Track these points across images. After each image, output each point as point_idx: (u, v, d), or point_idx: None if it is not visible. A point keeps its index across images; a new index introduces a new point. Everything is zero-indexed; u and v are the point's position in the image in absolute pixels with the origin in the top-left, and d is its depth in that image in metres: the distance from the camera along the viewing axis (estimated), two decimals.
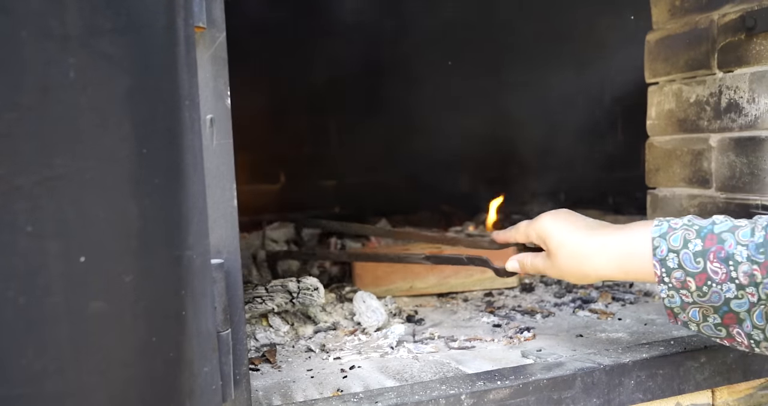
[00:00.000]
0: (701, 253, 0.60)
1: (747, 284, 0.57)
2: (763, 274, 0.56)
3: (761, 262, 0.56)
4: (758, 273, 0.56)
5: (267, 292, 0.91)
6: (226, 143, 0.55)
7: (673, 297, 0.63)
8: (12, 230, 0.42)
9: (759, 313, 0.58)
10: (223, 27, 0.55)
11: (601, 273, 0.68)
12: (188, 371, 0.50)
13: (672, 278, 0.62)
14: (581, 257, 0.69)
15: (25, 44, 0.42)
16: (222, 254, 0.55)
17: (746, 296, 0.58)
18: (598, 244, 0.68)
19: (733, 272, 0.58)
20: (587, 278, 0.71)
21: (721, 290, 0.59)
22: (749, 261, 0.57)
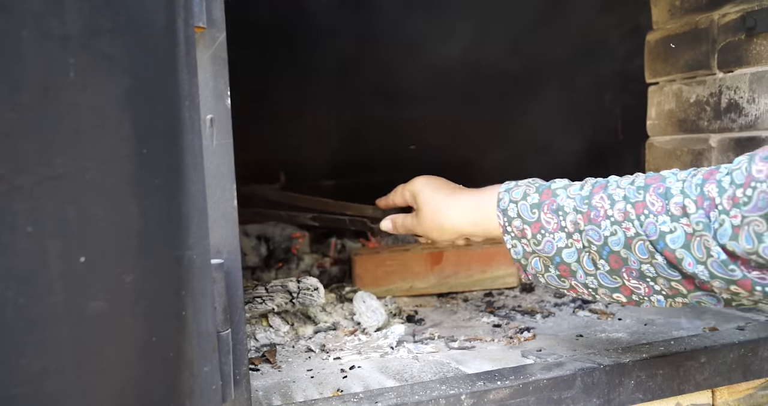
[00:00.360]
0: (537, 205, 0.66)
1: (573, 231, 0.63)
2: (584, 222, 0.62)
3: (584, 211, 0.63)
4: (581, 221, 0.63)
5: (267, 292, 0.91)
6: (226, 143, 0.55)
7: (516, 247, 0.68)
8: (12, 229, 0.42)
9: (587, 259, 0.63)
10: (223, 27, 0.55)
11: (457, 226, 0.75)
12: (188, 371, 0.50)
13: (513, 226, 0.68)
14: (440, 212, 0.76)
15: (25, 44, 0.42)
16: (222, 254, 0.56)
17: (573, 243, 0.63)
18: (455, 201, 0.75)
19: (562, 221, 0.64)
20: (445, 231, 0.77)
21: (553, 239, 0.65)
22: (575, 211, 0.64)
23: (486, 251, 1.14)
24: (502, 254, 1.15)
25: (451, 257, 1.13)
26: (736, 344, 0.80)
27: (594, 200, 0.63)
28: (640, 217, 0.59)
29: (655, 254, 0.59)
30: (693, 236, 0.56)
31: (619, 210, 0.60)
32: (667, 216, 0.58)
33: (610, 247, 0.61)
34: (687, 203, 0.57)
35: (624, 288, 0.63)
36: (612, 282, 0.63)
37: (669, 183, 0.59)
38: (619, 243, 0.60)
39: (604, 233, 0.61)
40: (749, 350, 0.81)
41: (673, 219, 0.57)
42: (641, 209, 0.59)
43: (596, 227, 0.62)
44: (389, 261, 1.12)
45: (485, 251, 1.14)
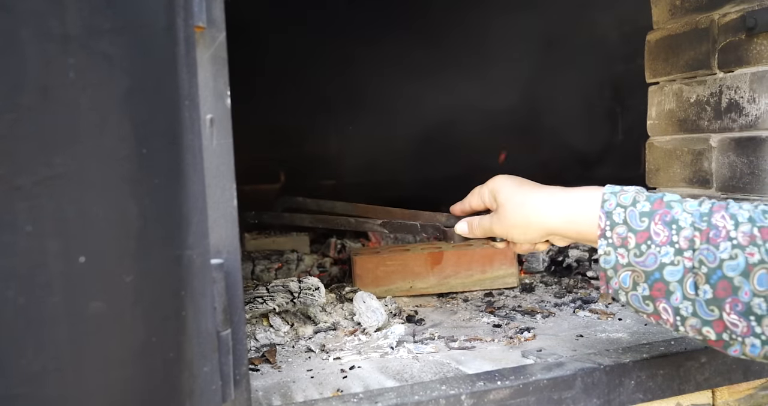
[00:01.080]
0: (648, 213, 0.61)
1: (686, 248, 0.58)
2: (701, 240, 0.57)
3: (703, 229, 0.58)
4: (697, 239, 0.58)
5: (268, 292, 0.91)
6: (226, 143, 0.55)
7: (609, 254, 0.62)
8: (12, 229, 0.42)
9: (691, 282, 0.58)
10: (223, 27, 0.55)
11: (546, 223, 0.69)
12: (188, 372, 0.50)
13: (614, 233, 0.62)
14: (526, 206, 0.70)
15: (25, 44, 0.42)
16: (222, 254, 0.55)
17: (682, 261, 0.58)
18: (546, 195, 0.69)
19: (674, 235, 0.59)
20: (531, 228, 0.70)
21: (658, 253, 0.60)
22: (692, 227, 0.58)
23: (486, 251, 1.14)
24: (502, 253, 1.15)
25: (451, 257, 1.13)
26: None
27: (714, 218, 0.58)
28: (766, 243, 0.54)
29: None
30: None
31: (743, 233, 0.55)
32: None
33: (723, 272, 0.56)
34: None
35: (718, 323, 0.57)
36: (708, 314, 0.57)
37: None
38: (736, 269, 0.55)
39: (722, 256, 0.56)
40: None
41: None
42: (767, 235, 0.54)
43: (714, 248, 0.57)
44: (389, 261, 1.12)
45: (485, 251, 1.14)
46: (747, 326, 0.55)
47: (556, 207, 0.68)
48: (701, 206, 0.60)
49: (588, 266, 1.22)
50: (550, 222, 0.68)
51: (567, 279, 1.18)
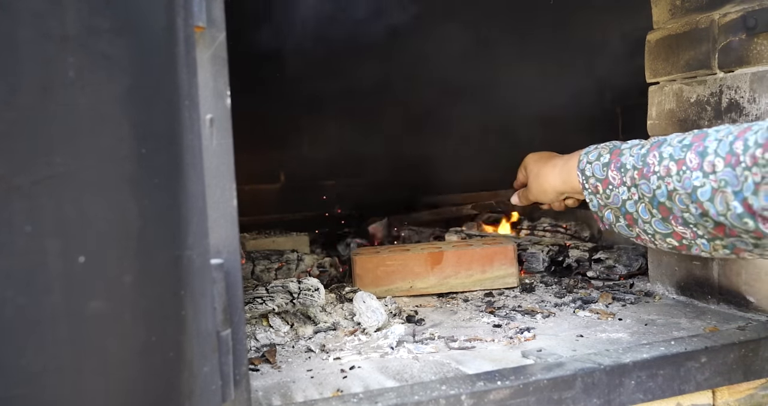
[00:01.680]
0: (606, 163, 0.78)
1: (630, 185, 0.74)
2: (639, 177, 0.73)
3: (639, 168, 0.73)
4: (637, 176, 0.73)
5: (267, 292, 0.91)
6: (226, 143, 0.55)
7: (592, 201, 0.81)
8: (11, 229, 0.42)
9: (643, 208, 0.74)
10: (223, 27, 0.55)
11: (553, 186, 0.91)
12: (188, 371, 0.50)
13: (589, 184, 0.81)
14: (540, 176, 0.93)
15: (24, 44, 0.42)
16: (222, 254, 0.55)
17: (632, 196, 0.74)
18: (550, 166, 0.91)
19: (624, 177, 0.75)
20: (546, 191, 0.93)
21: (618, 193, 0.76)
22: (633, 168, 0.74)
23: (486, 251, 1.14)
24: (502, 253, 1.15)
25: (451, 257, 1.13)
26: (737, 344, 0.80)
27: (648, 158, 0.72)
28: (679, 172, 0.68)
29: (689, 205, 0.67)
30: (717, 191, 0.64)
31: (664, 166, 0.70)
32: (700, 172, 0.65)
33: (657, 198, 0.71)
34: (717, 161, 0.64)
35: (675, 234, 0.72)
36: (664, 228, 0.73)
37: (708, 142, 0.66)
38: (663, 195, 0.70)
39: (652, 186, 0.71)
40: (750, 350, 0.80)
41: (704, 175, 0.65)
42: (681, 165, 0.68)
43: (647, 181, 0.72)
44: (389, 261, 1.12)
45: (485, 251, 1.14)
46: (692, 232, 0.70)
47: (556, 174, 0.89)
48: (642, 148, 0.74)
49: (588, 266, 1.22)
50: (555, 186, 0.90)
51: (567, 279, 1.18)
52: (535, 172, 0.95)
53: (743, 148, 0.62)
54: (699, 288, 1.01)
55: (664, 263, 1.08)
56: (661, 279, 1.09)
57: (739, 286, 0.94)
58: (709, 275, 0.99)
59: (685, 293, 1.04)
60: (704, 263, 1.00)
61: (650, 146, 0.73)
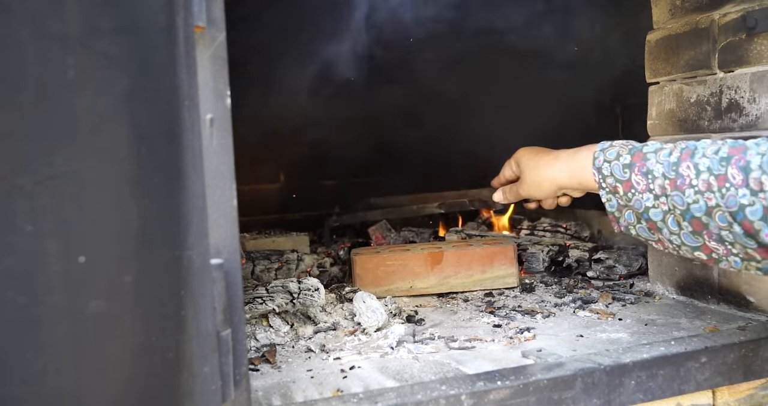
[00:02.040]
0: (628, 165, 0.74)
1: (660, 194, 0.71)
2: (671, 188, 0.69)
3: (671, 178, 0.70)
4: (669, 186, 0.69)
5: (267, 292, 0.91)
6: (226, 143, 0.55)
7: (611, 200, 0.77)
8: (12, 229, 0.42)
9: (672, 220, 0.71)
10: (223, 27, 0.55)
11: (554, 180, 0.86)
12: (188, 371, 0.50)
13: (606, 183, 0.76)
14: (539, 168, 0.87)
15: (24, 44, 0.42)
16: (222, 254, 0.55)
17: (660, 205, 0.71)
18: (553, 158, 0.86)
19: (650, 184, 0.71)
20: (544, 185, 0.87)
21: (641, 198, 0.73)
22: (663, 176, 0.70)
23: (486, 251, 1.14)
24: (502, 253, 1.15)
25: (451, 257, 1.13)
26: (737, 344, 0.80)
27: (681, 168, 0.69)
28: (721, 189, 0.65)
29: (733, 224, 0.64)
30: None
31: (703, 180, 0.66)
32: (747, 189, 0.63)
33: (692, 213, 0.68)
34: (764, 179, 0.61)
35: (705, 247, 0.69)
36: (694, 242, 0.70)
37: (750, 156, 0.64)
38: (700, 210, 0.67)
39: (687, 200, 0.68)
40: (750, 350, 0.80)
41: (752, 193, 0.62)
42: (723, 181, 0.65)
43: (681, 194, 0.68)
44: (389, 261, 1.12)
45: (485, 251, 1.14)
46: (725, 249, 0.67)
47: (561, 166, 0.84)
48: (671, 155, 0.71)
49: (588, 266, 1.22)
50: (558, 179, 0.85)
51: (567, 279, 1.18)
52: (533, 164, 0.89)
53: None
54: (699, 288, 1.01)
55: (664, 263, 1.08)
56: (661, 279, 1.09)
57: (740, 286, 0.94)
58: (709, 275, 0.99)
59: (685, 293, 1.04)
60: (704, 264, 1.00)
61: (680, 154, 0.70)
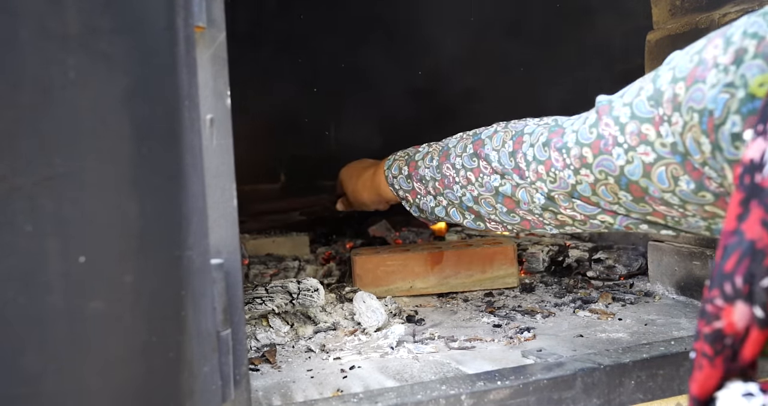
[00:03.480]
0: (407, 176, 0.87)
1: (435, 194, 0.83)
2: (442, 188, 0.81)
3: (438, 179, 0.81)
4: (440, 187, 0.81)
5: (267, 293, 0.91)
6: (226, 143, 0.55)
7: (411, 206, 0.89)
8: (12, 229, 0.42)
9: (454, 211, 0.82)
10: (223, 27, 0.55)
11: (370, 200, 1.00)
12: (188, 371, 0.50)
13: (400, 194, 0.89)
14: (357, 193, 1.02)
15: (24, 44, 0.42)
16: (222, 254, 0.55)
17: (440, 203, 0.83)
18: (361, 182, 1.00)
19: (426, 187, 0.84)
20: (367, 205, 1.03)
21: (427, 201, 0.85)
22: (432, 180, 0.82)
23: (486, 251, 1.14)
24: (502, 253, 1.15)
25: (451, 257, 1.13)
26: None
27: (443, 170, 0.80)
28: (479, 179, 0.75)
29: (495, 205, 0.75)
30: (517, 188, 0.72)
31: (463, 177, 0.77)
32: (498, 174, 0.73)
33: (465, 203, 0.79)
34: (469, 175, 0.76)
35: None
36: (476, 226, 0.82)
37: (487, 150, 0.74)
38: (470, 201, 0.78)
39: (458, 194, 0.79)
40: None
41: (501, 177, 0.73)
42: (477, 174, 0.75)
43: (450, 190, 0.80)
44: (389, 261, 1.12)
45: (485, 251, 1.14)
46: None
47: (368, 189, 0.99)
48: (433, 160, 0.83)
49: (588, 266, 1.22)
50: (372, 199, 1.00)
51: (567, 279, 1.18)
52: (351, 188, 1.03)
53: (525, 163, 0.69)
54: (699, 288, 1.01)
55: (664, 263, 1.08)
56: (661, 279, 1.09)
57: None
58: (709, 274, 0.99)
59: (685, 293, 1.04)
60: (704, 263, 1.00)
61: (439, 157, 0.81)
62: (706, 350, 0.39)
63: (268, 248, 1.44)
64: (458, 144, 0.79)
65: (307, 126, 1.76)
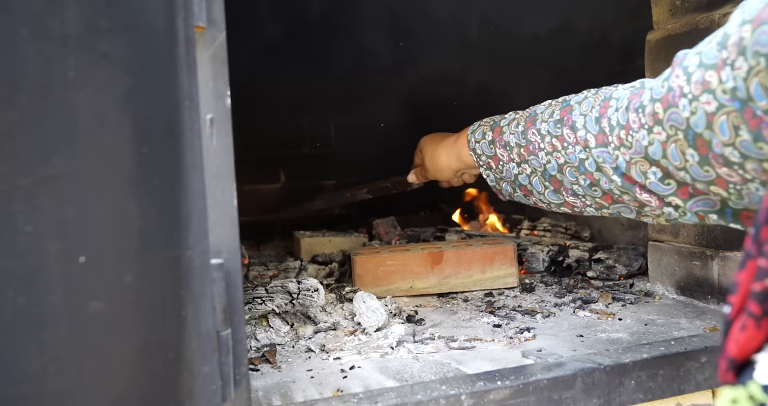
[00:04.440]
0: (491, 141, 0.84)
1: (520, 161, 0.81)
2: (527, 153, 0.79)
3: (524, 145, 0.79)
4: (525, 153, 0.79)
5: (267, 293, 0.91)
6: (226, 143, 0.55)
7: (489, 176, 0.87)
8: (12, 229, 0.42)
9: (536, 181, 0.80)
10: (223, 27, 0.55)
11: (447, 165, 0.98)
12: (188, 372, 0.50)
13: (482, 161, 0.86)
14: (434, 158, 1.01)
15: (25, 44, 0.42)
16: (222, 254, 0.55)
17: (524, 171, 0.81)
18: (442, 147, 0.99)
19: (510, 153, 0.82)
20: (441, 170, 1.01)
21: (510, 168, 0.82)
22: (517, 146, 0.81)
23: (486, 251, 1.14)
24: (502, 253, 1.15)
25: (451, 257, 1.13)
26: None
27: (528, 135, 0.78)
28: (564, 147, 0.74)
29: (578, 177, 0.73)
30: (599, 165, 0.70)
31: (548, 143, 0.76)
32: (580, 146, 0.71)
33: (549, 172, 0.77)
34: (589, 137, 0.70)
35: (567, 204, 0.78)
36: (557, 199, 0.79)
37: (575, 116, 0.73)
38: (554, 169, 0.76)
39: (542, 161, 0.77)
40: None
41: (584, 149, 0.71)
42: (562, 141, 0.74)
43: (535, 157, 0.78)
44: (389, 261, 1.12)
45: (485, 251, 1.14)
46: (581, 202, 0.76)
47: (449, 155, 0.97)
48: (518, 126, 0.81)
49: (588, 266, 1.22)
50: (450, 164, 0.98)
51: (567, 279, 1.18)
52: (430, 153, 1.01)
53: (609, 129, 0.67)
54: (699, 288, 1.01)
55: (664, 263, 1.08)
56: (661, 279, 1.09)
57: None
58: (709, 274, 0.99)
59: (685, 292, 1.04)
60: (704, 263, 1.00)
61: (525, 123, 0.80)
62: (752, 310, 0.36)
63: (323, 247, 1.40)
64: (546, 110, 0.78)
65: None
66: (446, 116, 1.83)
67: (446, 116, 1.83)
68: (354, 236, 1.46)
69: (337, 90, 1.69)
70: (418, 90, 1.73)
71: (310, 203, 1.60)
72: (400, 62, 1.72)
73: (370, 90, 1.69)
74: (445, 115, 1.83)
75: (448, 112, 1.82)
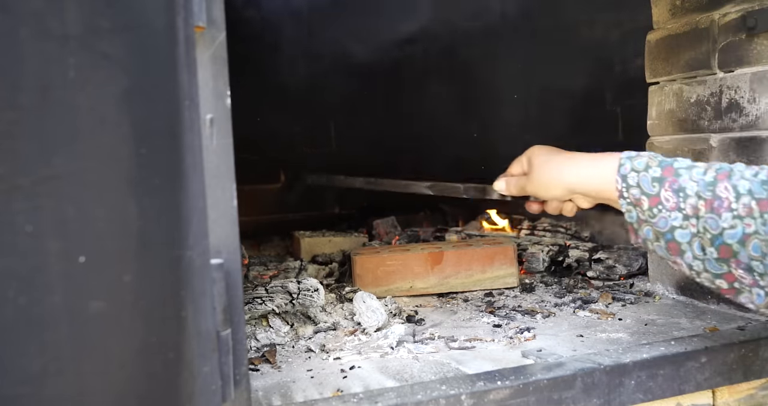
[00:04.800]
0: (658, 179, 0.68)
1: (691, 215, 0.66)
2: (706, 209, 0.64)
3: (707, 199, 0.65)
4: (702, 208, 0.64)
5: (267, 293, 0.91)
6: (226, 143, 0.55)
7: (630, 212, 0.71)
8: (12, 229, 0.42)
9: (698, 244, 0.66)
10: (223, 27, 0.55)
11: (566, 180, 0.78)
12: (188, 372, 0.50)
13: (630, 193, 0.70)
14: (552, 166, 0.80)
15: (24, 44, 0.42)
16: (222, 254, 0.55)
17: (689, 226, 0.66)
18: (568, 157, 0.79)
19: (681, 202, 0.66)
20: (553, 185, 0.80)
21: (668, 217, 0.67)
22: (697, 196, 0.65)
23: (486, 251, 1.14)
24: (502, 253, 1.15)
25: (451, 257, 1.13)
26: (737, 344, 0.80)
27: (718, 189, 0.64)
28: (764, 214, 0.61)
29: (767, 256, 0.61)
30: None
31: (743, 205, 0.62)
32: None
33: (724, 239, 0.63)
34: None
35: (729, 275, 0.65)
36: (718, 269, 0.65)
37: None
38: (734, 237, 0.63)
39: (723, 225, 0.63)
40: (750, 350, 0.80)
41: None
42: (765, 206, 0.61)
43: (717, 217, 0.64)
44: (389, 261, 1.12)
45: (485, 251, 1.14)
46: (752, 280, 0.63)
47: (576, 167, 0.77)
48: (706, 174, 0.66)
49: (588, 266, 1.22)
50: (569, 179, 0.78)
51: (567, 279, 1.18)
52: (544, 160, 0.82)
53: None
54: (699, 288, 1.01)
55: (664, 263, 1.08)
56: (661, 279, 1.09)
57: None
58: None
59: (685, 292, 1.04)
60: None
61: (716, 174, 0.66)
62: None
63: (323, 247, 1.39)
64: (747, 169, 0.66)
65: None
66: None
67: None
68: (354, 236, 1.45)
69: None
70: None
71: (347, 178, 1.45)
72: None
73: None
74: None
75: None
